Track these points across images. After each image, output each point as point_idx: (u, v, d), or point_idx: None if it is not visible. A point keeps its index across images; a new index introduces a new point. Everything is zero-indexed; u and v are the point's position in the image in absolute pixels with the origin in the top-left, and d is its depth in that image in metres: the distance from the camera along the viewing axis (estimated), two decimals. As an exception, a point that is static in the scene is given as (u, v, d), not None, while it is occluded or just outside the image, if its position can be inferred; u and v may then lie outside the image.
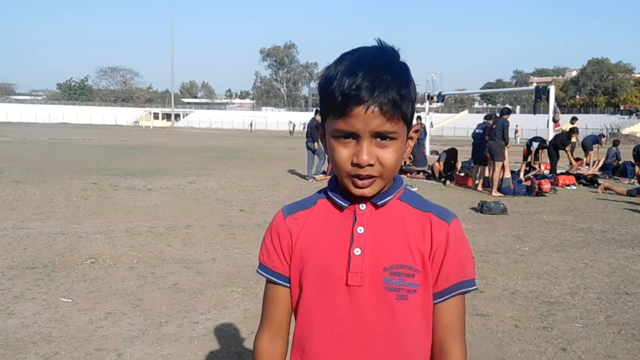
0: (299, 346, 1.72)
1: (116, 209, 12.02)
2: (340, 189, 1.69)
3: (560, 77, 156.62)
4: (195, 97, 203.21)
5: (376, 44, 1.62)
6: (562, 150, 22.24)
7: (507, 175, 16.74)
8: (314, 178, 19.41)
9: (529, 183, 17.10)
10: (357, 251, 1.62)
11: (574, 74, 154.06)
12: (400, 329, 1.62)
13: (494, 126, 16.98)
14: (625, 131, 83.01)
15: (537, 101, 27.62)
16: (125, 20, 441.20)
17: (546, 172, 21.17)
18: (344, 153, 1.56)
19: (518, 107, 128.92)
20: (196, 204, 13.17)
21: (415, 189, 15.69)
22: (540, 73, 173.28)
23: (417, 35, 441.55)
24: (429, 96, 37.38)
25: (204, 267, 7.65)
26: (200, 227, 10.28)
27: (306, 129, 20.69)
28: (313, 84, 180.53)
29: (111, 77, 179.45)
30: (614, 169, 23.29)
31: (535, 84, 61.85)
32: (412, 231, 1.65)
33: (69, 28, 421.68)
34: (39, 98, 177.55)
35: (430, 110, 39.19)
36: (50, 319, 5.57)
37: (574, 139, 22.90)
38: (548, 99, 25.59)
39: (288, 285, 1.73)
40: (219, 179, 18.75)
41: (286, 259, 1.73)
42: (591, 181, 19.96)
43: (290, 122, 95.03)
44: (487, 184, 17.28)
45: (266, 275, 1.76)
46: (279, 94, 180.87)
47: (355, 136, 1.53)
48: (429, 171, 21.00)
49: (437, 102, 35.89)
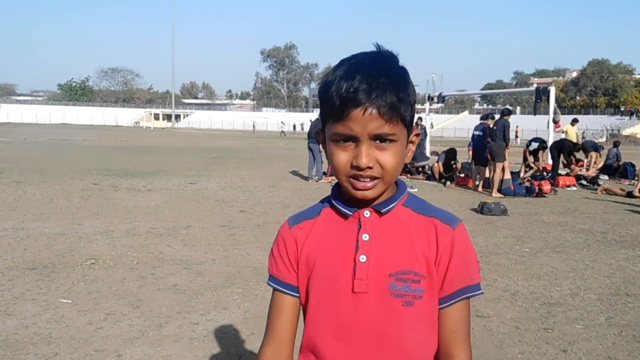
0: (307, 352, 1.72)
1: (116, 209, 12.02)
2: (343, 196, 1.70)
3: (561, 78, 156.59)
4: (196, 97, 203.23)
5: (375, 49, 1.62)
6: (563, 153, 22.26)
7: (507, 176, 16.74)
8: (315, 179, 19.41)
9: (528, 184, 17.11)
10: (362, 258, 1.62)
11: (574, 74, 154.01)
12: (406, 335, 1.62)
13: (494, 127, 16.98)
14: (626, 132, 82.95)
15: (537, 102, 27.56)
16: (126, 21, 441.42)
17: (546, 172, 21.16)
18: (343, 157, 1.56)
19: (518, 108, 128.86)
20: (196, 204, 13.17)
21: (415, 189, 15.71)
22: (540, 74, 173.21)
23: (417, 35, 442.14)
24: (429, 97, 37.33)
25: (204, 267, 7.65)
26: (201, 228, 10.28)
27: (308, 130, 20.64)
28: (313, 85, 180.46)
29: (112, 78, 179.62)
30: (614, 170, 23.28)
31: (535, 85, 61.91)
32: (417, 237, 1.65)
33: (70, 29, 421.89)
34: (40, 99, 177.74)
35: (431, 111, 39.16)
36: (50, 320, 5.57)
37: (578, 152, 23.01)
38: (548, 100, 25.54)
39: (296, 294, 1.74)
40: (220, 179, 18.76)
41: (293, 268, 1.74)
42: (591, 182, 19.97)
43: (282, 122, 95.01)
44: (488, 184, 17.27)
45: (275, 286, 1.77)
46: (279, 94, 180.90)
47: (354, 139, 1.54)
48: (429, 172, 21.00)
49: (438, 103, 35.86)
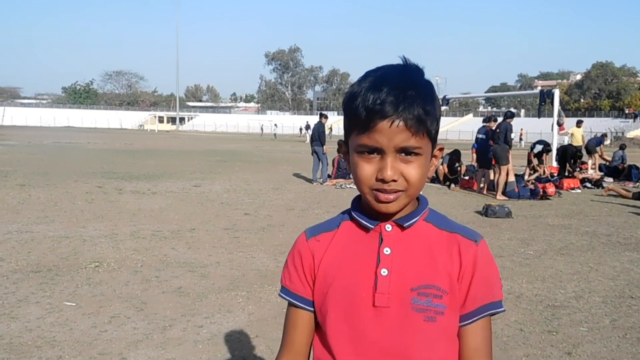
0: None
1: (121, 212, 12.03)
2: (364, 208, 1.68)
3: (565, 81, 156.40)
4: (200, 100, 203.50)
5: (401, 61, 1.61)
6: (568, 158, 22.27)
7: (512, 178, 16.72)
8: (319, 182, 19.41)
9: (532, 187, 17.09)
10: (384, 272, 1.60)
11: (578, 77, 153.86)
12: (426, 350, 1.60)
13: (497, 130, 16.97)
14: (630, 135, 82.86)
15: (541, 105, 27.51)
16: (131, 24, 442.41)
17: (550, 174, 21.13)
18: (367, 169, 1.55)
19: (522, 111, 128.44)
20: (201, 207, 13.17)
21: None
22: (544, 77, 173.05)
23: (422, 38, 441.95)
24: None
25: (208, 270, 7.65)
26: (205, 231, 10.28)
27: (312, 133, 20.55)
28: (318, 88, 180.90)
29: (116, 81, 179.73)
30: (619, 172, 23.24)
31: (539, 88, 61.77)
32: (439, 253, 1.63)
33: (74, 32, 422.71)
34: (44, 102, 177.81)
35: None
36: (54, 323, 5.58)
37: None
38: (552, 103, 25.49)
39: (310, 308, 1.71)
40: (224, 182, 18.78)
41: (309, 282, 1.71)
42: (596, 185, 19.95)
43: (275, 125, 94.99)
44: (492, 187, 17.26)
45: (288, 298, 1.74)
46: (283, 97, 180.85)
47: (380, 151, 1.52)
48: (434, 174, 20.96)
49: (442, 105, 35.77)
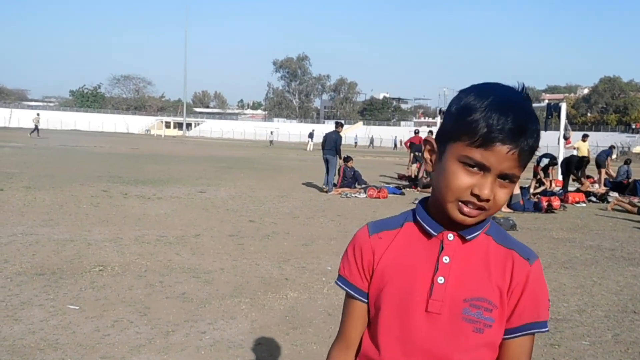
0: (365, 357, 1.75)
1: (126, 216, 12.06)
2: (432, 213, 1.71)
3: (572, 95, 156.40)
4: (208, 106, 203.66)
5: (516, 84, 1.65)
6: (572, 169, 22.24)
7: (517, 191, 16.70)
8: (332, 189, 19.41)
9: (536, 200, 17.07)
10: (440, 280, 1.64)
11: (585, 91, 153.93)
12: (470, 359, 1.65)
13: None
14: (636, 150, 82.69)
15: (548, 118, 27.58)
16: (140, 29, 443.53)
17: (557, 189, 21.12)
18: (466, 180, 1.56)
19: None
20: (206, 213, 13.19)
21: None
22: (552, 90, 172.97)
23: (429, 49, 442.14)
24: (440, 111, 37.31)
25: (212, 277, 7.66)
26: (210, 237, 10.29)
27: (326, 141, 20.50)
28: (325, 96, 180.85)
29: (124, 85, 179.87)
30: (624, 187, 23.20)
31: (546, 101, 61.69)
32: (494, 267, 1.67)
33: (82, 35, 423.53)
34: (52, 104, 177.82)
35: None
36: (57, 326, 5.59)
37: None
38: (559, 116, 25.55)
39: (365, 300, 1.76)
40: (229, 189, 18.79)
41: (366, 276, 1.75)
42: (601, 199, 19.92)
43: (271, 132, 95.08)
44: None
45: (345, 288, 1.79)
46: (291, 105, 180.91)
47: (485, 169, 1.55)
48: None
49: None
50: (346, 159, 20.47)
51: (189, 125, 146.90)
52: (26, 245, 8.93)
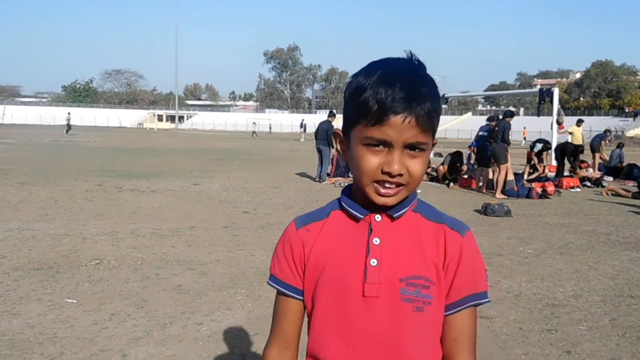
0: (314, 356, 1.71)
1: (120, 210, 12.05)
2: (356, 199, 1.69)
3: (564, 79, 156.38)
4: (199, 99, 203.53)
5: (405, 55, 1.63)
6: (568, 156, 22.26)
7: (511, 177, 16.73)
8: (321, 180, 19.45)
9: (530, 186, 17.11)
10: (373, 262, 1.61)
11: (577, 76, 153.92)
12: (415, 340, 1.62)
13: (496, 128, 16.99)
14: (630, 134, 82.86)
15: (540, 103, 27.51)
16: (130, 23, 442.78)
17: (551, 174, 21.14)
18: (373, 161, 1.55)
19: (522, 110, 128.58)
20: (200, 205, 13.19)
21: (419, 191, 15.66)
22: (544, 75, 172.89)
23: (420, 37, 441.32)
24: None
25: (207, 268, 7.67)
26: (204, 229, 10.30)
27: (318, 131, 20.55)
28: (317, 86, 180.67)
29: (116, 80, 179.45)
30: (617, 171, 23.24)
31: (539, 86, 61.73)
32: (426, 243, 1.65)
33: (73, 31, 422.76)
34: (44, 100, 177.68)
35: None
36: (55, 320, 5.59)
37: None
38: (552, 101, 25.52)
39: (300, 297, 1.73)
40: (223, 180, 18.79)
41: (298, 272, 1.72)
42: (595, 184, 19.96)
43: (254, 123, 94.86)
44: (491, 186, 17.27)
45: (277, 287, 1.75)
46: (282, 96, 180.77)
47: (388, 145, 1.53)
48: (433, 173, 20.99)
49: (441, 104, 35.83)
50: (338, 151, 20.42)
51: (181, 118, 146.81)
52: (22, 240, 8.92)
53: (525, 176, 20.00)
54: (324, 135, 19.99)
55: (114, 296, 6.39)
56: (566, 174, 21.33)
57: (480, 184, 18.02)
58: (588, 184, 20.00)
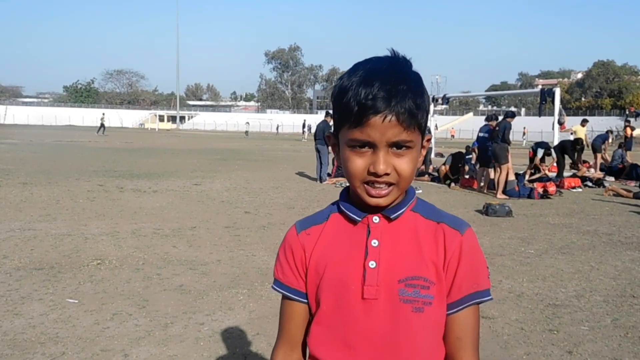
0: (313, 359, 1.71)
1: (122, 210, 12.05)
2: (353, 201, 1.69)
3: (566, 80, 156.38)
4: (201, 99, 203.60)
5: (389, 53, 1.62)
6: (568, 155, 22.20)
7: (512, 177, 16.71)
8: (321, 180, 19.46)
9: (532, 186, 17.11)
10: (372, 264, 1.61)
11: (579, 76, 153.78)
12: (416, 341, 1.61)
13: (496, 128, 16.98)
14: (634, 133, 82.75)
15: (542, 103, 27.42)
16: (131, 24, 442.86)
17: (552, 174, 21.11)
18: (359, 163, 1.56)
19: (523, 110, 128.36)
20: (201, 205, 13.19)
21: (420, 191, 15.67)
22: (545, 75, 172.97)
23: (422, 37, 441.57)
24: (433, 98, 37.23)
25: (209, 268, 7.67)
26: (206, 229, 10.30)
27: (316, 131, 20.62)
28: (318, 87, 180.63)
29: (117, 80, 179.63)
30: (619, 171, 23.20)
31: (540, 86, 61.61)
32: (425, 243, 1.64)
33: (75, 31, 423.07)
34: (46, 100, 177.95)
35: (435, 112, 39.09)
36: (57, 320, 5.59)
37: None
38: (553, 101, 25.43)
39: (304, 300, 1.73)
40: (224, 181, 18.79)
41: (301, 275, 1.73)
42: (597, 184, 19.92)
43: (247, 122, 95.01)
44: (492, 186, 17.26)
45: (281, 291, 1.76)
46: (283, 96, 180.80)
47: (372, 146, 1.53)
48: (435, 173, 20.99)
49: (442, 104, 35.74)
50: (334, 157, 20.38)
51: (182, 119, 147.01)
52: (24, 240, 8.92)
53: (527, 177, 19.98)
54: (321, 135, 20.04)
55: (115, 296, 6.39)
56: (568, 174, 21.25)
57: (482, 184, 18.02)
58: (589, 184, 19.95)
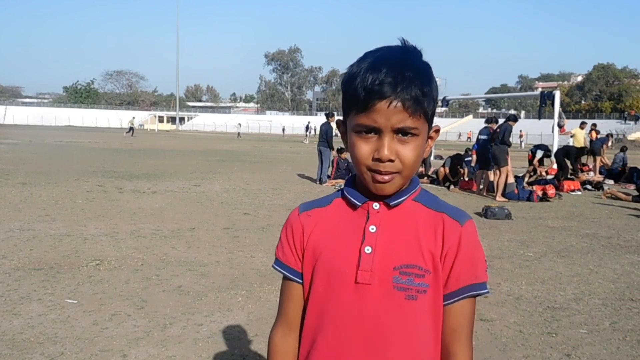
0: (308, 340, 1.73)
1: (121, 211, 12.04)
2: (357, 187, 1.71)
3: (566, 83, 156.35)
4: (200, 100, 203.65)
5: (399, 43, 1.64)
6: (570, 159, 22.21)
7: (511, 180, 16.72)
8: (321, 181, 19.47)
9: (530, 188, 17.12)
10: (367, 249, 1.63)
11: (579, 79, 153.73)
12: (408, 328, 1.62)
13: (497, 130, 16.99)
14: (631, 137, 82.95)
15: (542, 106, 27.48)
16: (132, 24, 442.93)
17: (550, 177, 21.10)
18: (365, 148, 1.58)
19: (523, 112, 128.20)
20: (200, 207, 13.18)
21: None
22: (545, 78, 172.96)
23: (421, 39, 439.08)
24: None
25: (208, 269, 7.66)
26: (205, 230, 10.29)
27: (319, 133, 20.68)
28: (317, 88, 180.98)
29: (117, 81, 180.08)
30: (619, 174, 23.19)
31: (540, 89, 61.66)
32: (424, 232, 1.65)
33: (75, 31, 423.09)
34: (46, 101, 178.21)
35: (435, 114, 39.22)
36: (55, 320, 5.59)
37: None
38: (553, 104, 25.48)
39: (300, 281, 1.76)
40: (223, 182, 18.77)
41: (299, 255, 1.75)
42: (596, 187, 19.93)
43: (239, 124, 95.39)
44: (491, 188, 17.27)
45: (280, 270, 1.79)
46: (283, 97, 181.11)
47: (377, 131, 1.55)
48: (434, 175, 21.00)
49: (442, 106, 35.86)
50: (339, 150, 20.42)
51: (182, 120, 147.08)
52: (23, 240, 8.92)
53: (526, 179, 19.97)
54: (323, 136, 20.07)
55: (114, 297, 6.38)
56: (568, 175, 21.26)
57: (481, 186, 18.02)
58: (589, 187, 19.97)
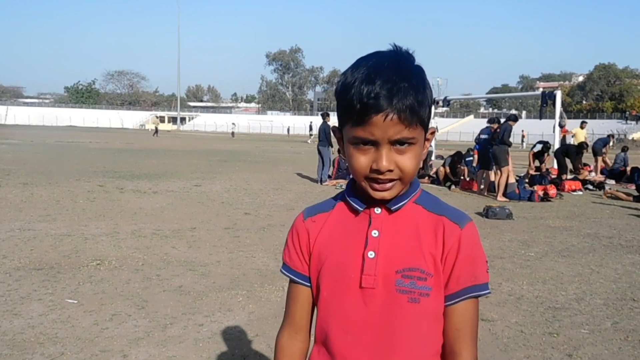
0: (320, 342, 1.76)
1: (122, 211, 12.04)
2: (358, 192, 1.72)
3: (567, 82, 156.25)
4: (201, 100, 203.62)
5: (391, 48, 1.63)
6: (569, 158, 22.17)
7: (512, 180, 16.70)
8: (322, 181, 19.47)
9: (529, 187, 17.13)
10: (370, 254, 1.65)
11: (580, 79, 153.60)
12: (410, 330, 1.64)
13: (497, 130, 16.98)
14: (633, 137, 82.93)
15: (543, 106, 27.38)
16: (133, 25, 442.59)
17: (553, 176, 21.07)
18: (363, 160, 1.59)
19: (524, 112, 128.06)
20: (201, 206, 13.18)
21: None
22: (546, 78, 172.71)
23: (423, 39, 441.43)
24: (434, 101, 37.18)
25: (208, 269, 7.66)
26: (205, 230, 10.29)
27: (318, 133, 20.68)
28: (319, 88, 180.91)
29: (118, 81, 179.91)
30: (620, 174, 23.15)
31: (541, 89, 61.52)
32: (424, 235, 1.67)
33: (76, 32, 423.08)
34: (47, 101, 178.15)
35: (436, 115, 39.02)
36: (56, 320, 5.59)
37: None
38: (554, 104, 25.41)
39: (308, 284, 1.79)
40: (224, 182, 18.78)
41: (305, 260, 1.78)
42: (598, 187, 19.90)
43: (233, 124, 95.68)
44: (492, 188, 17.25)
45: (287, 274, 1.83)
46: (284, 97, 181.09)
47: (374, 143, 1.55)
48: (434, 175, 20.98)
49: (443, 106, 35.65)
50: (340, 150, 20.38)
51: (183, 120, 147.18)
52: (24, 240, 8.92)
53: (531, 172, 19.97)
54: (323, 136, 20.09)
55: (114, 297, 6.38)
56: (569, 177, 21.22)
57: (482, 186, 18.00)
58: (590, 187, 19.94)
